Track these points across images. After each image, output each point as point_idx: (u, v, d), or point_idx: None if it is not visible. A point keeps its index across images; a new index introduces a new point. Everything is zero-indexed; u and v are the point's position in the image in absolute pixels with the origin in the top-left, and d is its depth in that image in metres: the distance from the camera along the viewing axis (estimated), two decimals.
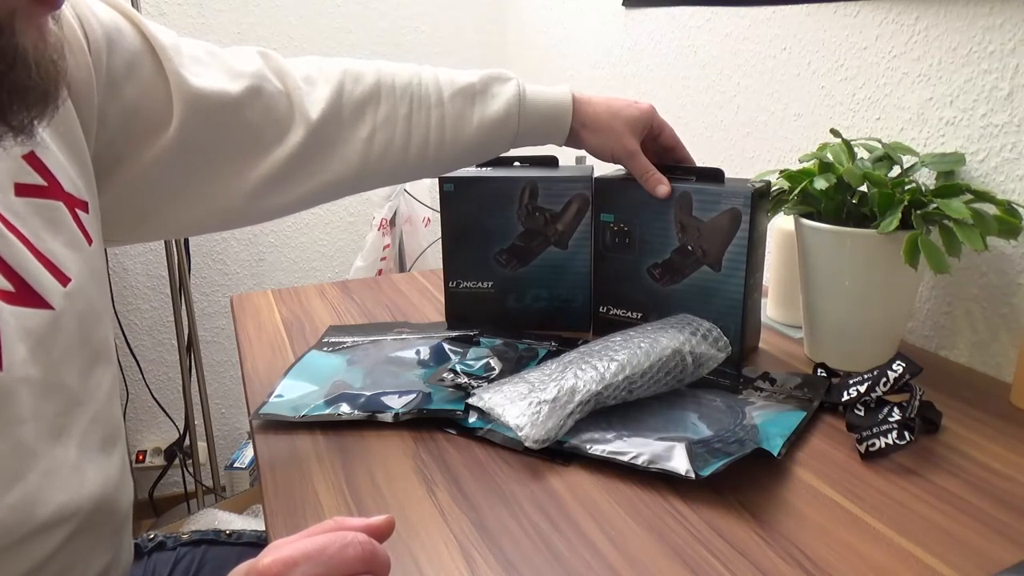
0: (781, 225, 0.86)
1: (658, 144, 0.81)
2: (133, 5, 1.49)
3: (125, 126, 0.58)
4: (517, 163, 0.87)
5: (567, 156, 1.10)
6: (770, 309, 0.91)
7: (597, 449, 0.61)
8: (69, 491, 0.47)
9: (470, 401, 0.66)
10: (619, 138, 0.78)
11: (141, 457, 1.85)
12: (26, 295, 0.46)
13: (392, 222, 1.58)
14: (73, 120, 0.52)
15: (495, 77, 0.75)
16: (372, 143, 0.70)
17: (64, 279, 0.49)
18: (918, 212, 0.69)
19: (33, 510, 0.45)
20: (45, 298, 0.47)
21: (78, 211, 0.52)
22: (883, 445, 0.60)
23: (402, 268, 1.65)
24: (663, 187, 0.77)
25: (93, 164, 0.55)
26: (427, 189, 1.62)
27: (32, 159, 0.49)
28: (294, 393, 0.72)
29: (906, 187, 0.72)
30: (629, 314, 0.84)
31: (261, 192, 0.66)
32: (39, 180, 0.49)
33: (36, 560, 0.46)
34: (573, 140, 0.80)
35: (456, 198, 0.85)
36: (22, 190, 0.48)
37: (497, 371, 0.73)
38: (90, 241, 0.53)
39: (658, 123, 0.80)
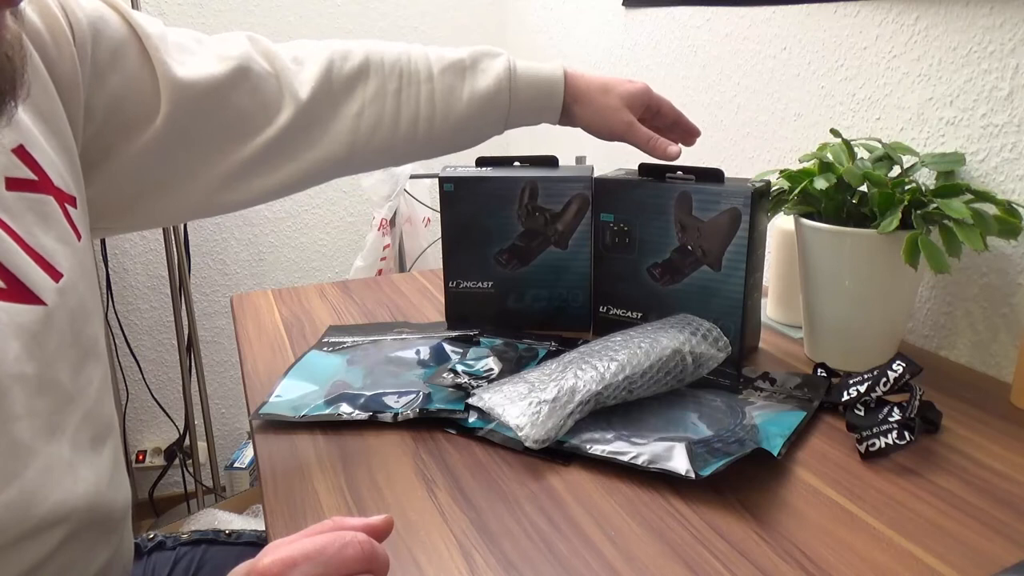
0: (781, 225, 0.86)
1: (660, 120, 0.81)
2: (133, 6, 1.49)
3: (112, 117, 0.57)
4: (517, 163, 0.87)
5: (567, 156, 1.10)
6: (770, 309, 0.91)
7: (597, 449, 0.61)
8: (64, 489, 0.47)
9: (470, 401, 0.66)
10: (615, 111, 0.77)
11: (141, 457, 1.85)
12: (18, 291, 0.46)
13: (392, 222, 1.58)
14: (60, 113, 0.52)
15: (485, 52, 0.75)
16: (361, 119, 0.70)
17: (56, 275, 0.49)
18: (918, 212, 0.69)
19: (29, 508, 0.44)
20: (37, 294, 0.47)
21: (67, 206, 0.52)
22: (883, 445, 0.60)
23: (402, 268, 1.65)
24: (673, 147, 0.76)
25: (81, 157, 0.55)
26: (427, 189, 1.62)
27: (22, 153, 0.48)
28: (294, 393, 0.72)
29: (906, 187, 0.72)
30: (629, 314, 0.84)
31: (250, 174, 0.66)
32: (30, 175, 0.48)
33: (36, 559, 0.46)
34: (567, 116, 0.79)
35: (456, 198, 0.85)
36: (13, 184, 0.47)
37: (497, 371, 0.73)
38: (79, 237, 0.52)
39: (655, 100, 0.80)
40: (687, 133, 0.83)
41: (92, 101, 0.55)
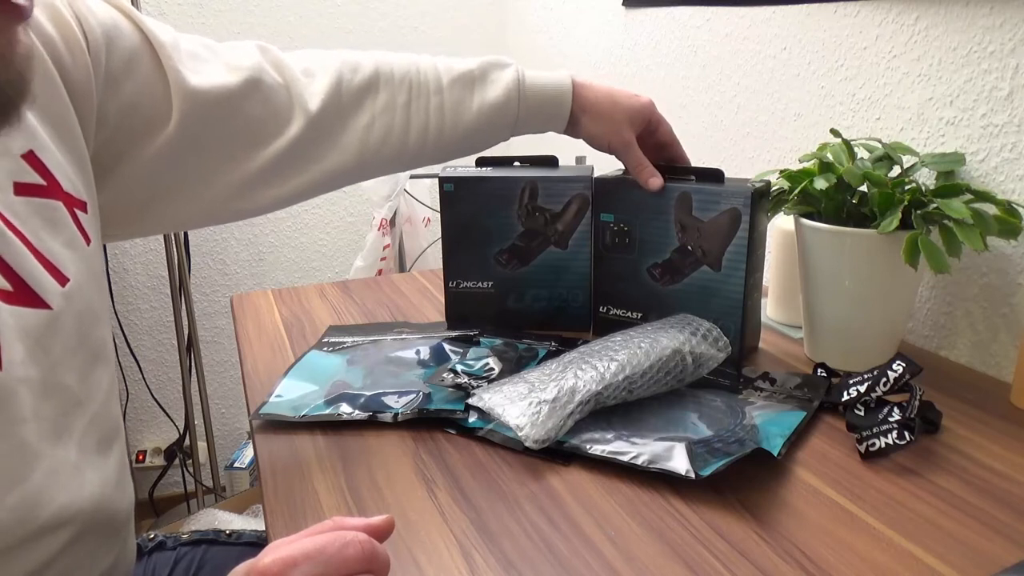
0: (781, 225, 0.86)
1: (654, 139, 0.81)
2: (132, 5, 1.49)
3: (124, 124, 0.58)
4: (517, 163, 0.87)
5: (567, 156, 1.10)
6: (770, 309, 0.91)
7: (597, 449, 0.61)
8: (70, 492, 0.47)
9: (470, 401, 0.66)
10: (617, 128, 0.78)
11: (141, 457, 1.85)
12: (24, 295, 0.46)
13: (392, 222, 1.58)
14: (72, 120, 0.52)
15: (493, 63, 0.75)
16: (371, 131, 0.70)
17: (63, 279, 0.49)
18: (918, 212, 0.69)
19: (34, 511, 0.45)
20: (43, 298, 0.47)
21: (77, 211, 0.52)
22: (883, 445, 0.60)
23: (402, 268, 1.65)
24: (656, 179, 0.77)
25: (92, 163, 0.55)
26: (427, 189, 1.62)
27: (31, 158, 0.49)
28: (294, 393, 0.72)
29: (906, 187, 0.72)
30: (629, 314, 0.84)
31: (260, 184, 0.66)
32: (39, 179, 0.49)
33: (39, 562, 0.46)
34: (572, 127, 0.79)
35: (456, 198, 0.85)
36: (22, 189, 0.48)
37: (497, 371, 0.73)
38: (88, 241, 0.53)
39: (656, 118, 0.80)
40: (674, 160, 0.83)
41: (105, 108, 0.56)
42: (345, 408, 0.68)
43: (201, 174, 0.63)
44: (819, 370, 0.75)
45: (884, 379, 0.64)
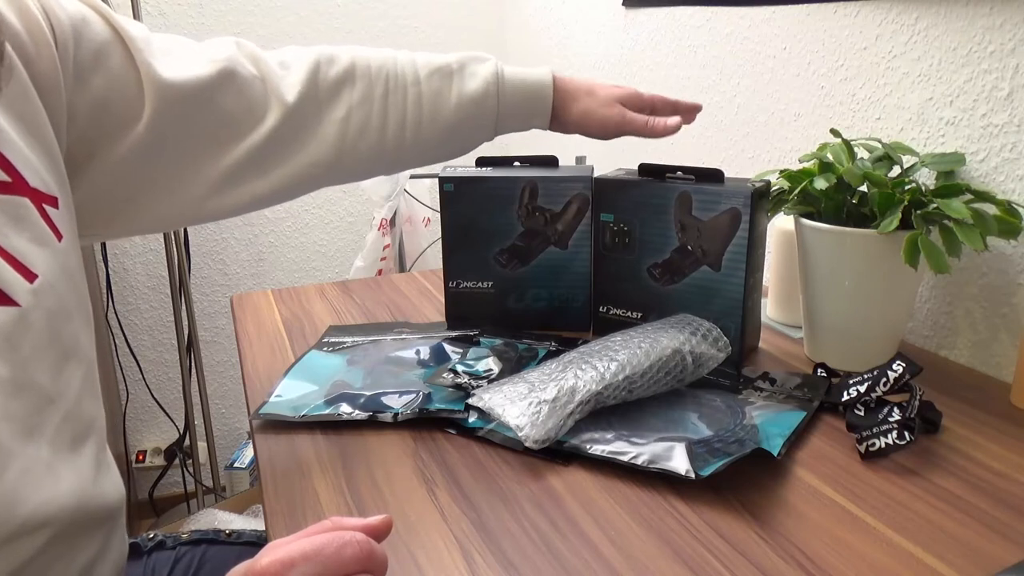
0: (781, 225, 0.86)
1: (658, 114, 0.80)
2: (133, 7, 1.48)
3: (95, 119, 0.57)
4: (517, 163, 0.87)
5: (567, 156, 1.10)
6: (770, 309, 0.91)
7: (597, 449, 0.61)
8: (46, 491, 0.47)
9: (470, 401, 0.66)
10: (606, 108, 0.77)
11: (141, 457, 1.85)
12: None
13: (392, 222, 1.58)
14: (40, 114, 0.52)
15: (472, 57, 0.75)
16: (348, 124, 0.70)
17: (31, 276, 0.48)
18: (918, 212, 0.69)
19: (12, 510, 0.44)
20: (10, 296, 0.46)
21: (46, 207, 0.51)
22: (883, 445, 0.60)
23: (402, 268, 1.65)
24: (671, 120, 0.76)
25: (65, 160, 0.54)
26: (427, 189, 1.62)
27: None
28: (294, 393, 0.72)
29: (906, 187, 0.72)
30: (629, 314, 0.84)
31: (238, 179, 0.65)
32: (3, 176, 0.48)
33: (20, 560, 0.45)
34: (558, 121, 0.79)
35: (456, 198, 0.85)
36: None
37: (497, 371, 0.73)
38: (60, 237, 0.52)
39: (647, 100, 0.79)
40: (688, 112, 0.82)
41: (75, 102, 0.55)
42: (345, 408, 0.68)
43: (178, 169, 0.63)
44: (819, 370, 0.75)
45: (884, 379, 0.64)
